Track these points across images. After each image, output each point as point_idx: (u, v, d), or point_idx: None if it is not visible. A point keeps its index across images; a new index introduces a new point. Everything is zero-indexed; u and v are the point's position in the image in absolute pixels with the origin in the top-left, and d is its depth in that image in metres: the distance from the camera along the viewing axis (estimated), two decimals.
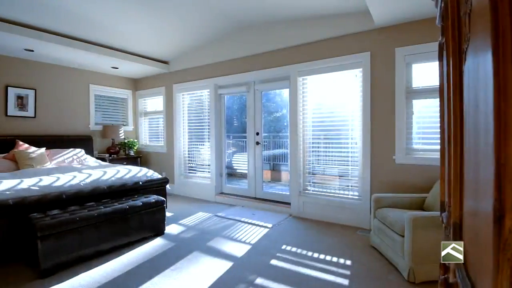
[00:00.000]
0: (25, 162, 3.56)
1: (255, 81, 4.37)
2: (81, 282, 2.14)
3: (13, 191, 2.49)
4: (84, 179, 3.01)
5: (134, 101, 6.08)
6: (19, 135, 4.26)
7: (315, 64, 3.65)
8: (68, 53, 4.22)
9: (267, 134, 4.56)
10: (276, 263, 2.46)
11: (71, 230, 2.33)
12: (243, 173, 5.00)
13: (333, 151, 3.68)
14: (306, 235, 3.13)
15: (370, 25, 3.24)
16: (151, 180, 3.53)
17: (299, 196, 3.82)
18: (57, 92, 4.82)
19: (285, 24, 3.82)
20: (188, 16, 3.77)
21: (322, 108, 3.78)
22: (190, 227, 3.41)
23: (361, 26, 3.32)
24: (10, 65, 4.30)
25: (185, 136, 5.36)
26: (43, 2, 3.12)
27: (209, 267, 2.40)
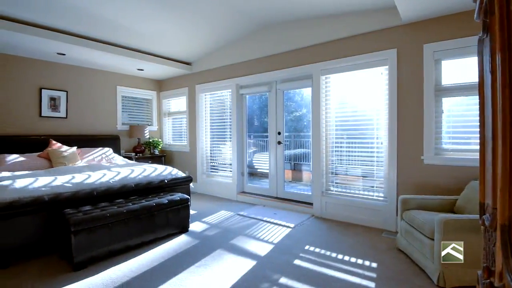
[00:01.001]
0: (58, 160, 3.76)
1: (277, 80, 4.36)
2: (111, 276, 2.23)
3: (48, 188, 2.63)
4: (113, 176, 3.13)
5: (158, 101, 6.25)
6: (52, 134, 4.50)
7: (339, 62, 3.60)
8: (97, 56, 4.41)
9: (288, 134, 4.54)
10: (300, 263, 2.45)
11: (102, 225, 2.44)
12: (264, 173, 5.01)
13: (357, 151, 3.61)
14: (329, 236, 3.09)
15: (396, 21, 3.14)
16: (175, 178, 3.62)
17: (321, 196, 3.77)
18: (87, 93, 5.05)
19: (308, 22, 3.79)
20: (211, 18, 3.83)
21: (346, 107, 3.71)
22: (213, 225, 3.46)
23: (387, 23, 3.23)
24: (44, 68, 4.54)
25: (207, 135, 5.44)
26: (75, 8, 3.27)
27: (233, 265, 2.42)
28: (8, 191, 2.43)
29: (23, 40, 3.64)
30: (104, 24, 3.73)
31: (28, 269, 2.35)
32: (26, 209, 2.40)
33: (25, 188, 2.52)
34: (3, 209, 2.29)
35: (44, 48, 4.00)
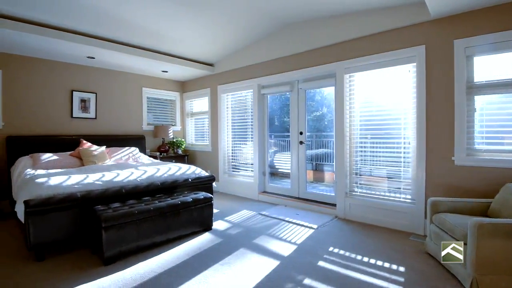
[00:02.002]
0: (89, 159, 3.93)
1: (299, 79, 4.33)
2: (140, 271, 2.31)
3: (81, 185, 2.76)
4: (141, 175, 3.24)
5: (181, 102, 6.39)
6: (83, 134, 4.72)
7: (363, 60, 3.51)
8: (124, 59, 4.57)
9: (309, 134, 4.49)
10: (324, 264, 2.42)
11: (130, 222, 2.53)
12: (285, 173, 4.99)
13: (381, 151, 3.52)
14: (354, 238, 3.03)
15: (425, 16, 3.03)
16: (199, 177, 3.68)
17: (345, 198, 3.70)
18: (114, 95, 5.26)
19: (331, 20, 3.73)
20: (234, 19, 3.86)
21: (371, 106, 3.62)
22: (236, 224, 3.49)
23: (415, 18, 3.12)
24: (75, 71, 4.77)
25: (229, 135, 5.49)
26: (104, 13, 3.41)
27: (256, 264, 2.43)
28: (44, 188, 2.57)
29: (57, 45, 3.84)
30: (131, 28, 3.86)
31: (62, 262, 2.47)
32: (60, 205, 2.53)
33: (59, 185, 2.65)
34: (39, 205, 2.42)
35: (76, 52, 4.21)
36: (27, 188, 2.62)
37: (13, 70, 4.16)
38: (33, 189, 2.54)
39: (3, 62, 4.07)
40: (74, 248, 2.74)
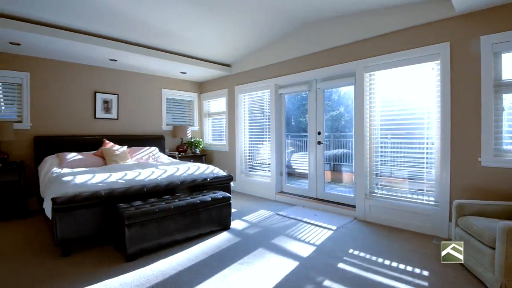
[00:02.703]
0: (111, 158, 4.06)
1: (317, 79, 4.29)
2: (161, 268, 2.35)
3: (104, 184, 2.85)
4: (161, 174, 3.31)
5: (199, 103, 6.48)
6: (105, 134, 4.88)
7: (384, 58, 3.44)
8: (144, 61, 4.69)
9: (327, 134, 4.43)
10: (344, 266, 2.38)
11: (152, 220, 2.59)
12: (302, 173, 4.95)
13: (403, 152, 3.43)
14: (375, 240, 2.97)
15: (449, 12, 2.93)
16: (217, 177, 3.72)
17: (365, 199, 3.63)
18: (135, 96, 5.40)
19: (351, 18, 3.67)
20: (252, 18, 3.87)
21: (392, 105, 3.53)
22: (254, 224, 3.50)
23: (439, 14, 3.02)
24: (98, 73, 4.94)
25: (246, 135, 5.52)
26: (125, 16, 3.50)
27: (275, 264, 2.43)
28: (70, 186, 2.67)
29: (82, 49, 3.99)
30: (152, 30, 3.95)
31: (87, 258, 2.56)
32: (85, 203, 2.63)
33: (85, 183, 2.75)
34: (66, 202, 2.52)
35: (99, 55, 4.35)
36: (54, 186, 2.73)
37: (40, 73, 4.35)
38: (60, 187, 2.65)
39: (31, 66, 4.26)
40: (97, 244, 2.84)
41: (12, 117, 4.17)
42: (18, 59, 4.16)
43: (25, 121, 4.22)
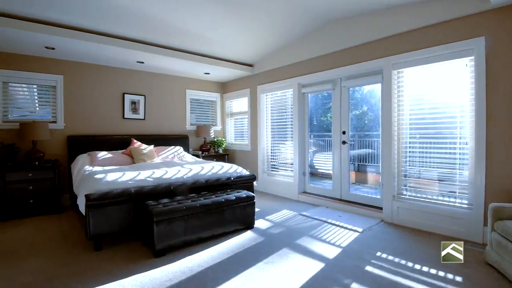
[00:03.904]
0: (139, 157, 4.19)
1: (342, 77, 4.21)
2: (188, 265, 2.40)
3: (134, 181, 2.95)
4: (187, 173, 3.38)
5: (221, 103, 6.55)
6: (133, 134, 5.05)
7: (414, 55, 3.31)
8: (170, 62, 4.81)
9: (351, 133, 4.33)
10: (372, 269, 2.32)
11: (179, 217, 2.65)
12: (325, 173, 4.88)
13: (432, 152, 3.29)
14: (403, 244, 2.87)
15: (484, 5, 2.77)
16: (240, 176, 3.74)
17: (392, 201, 3.52)
18: (161, 97, 5.55)
19: (378, 14, 3.56)
20: (275, 17, 3.85)
21: (422, 104, 3.40)
22: (277, 224, 3.49)
23: (472, 8, 2.86)
24: (126, 75, 5.12)
25: (268, 135, 5.51)
26: (151, 19, 3.60)
27: (300, 265, 2.41)
28: (102, 183, 2.79)
29: (112, 52, 4.15)
30: (177, 33, 4.04)
31: (117, 253, 2.66)
32: (116, 200, 2.73)
33: (115, 181, 2.86)
34: (98, 199, 2.63)
35: (127, 58, 4.51)
36: (87, 183, 2.86)
37: (73, 75, 4.57)
38: (93, 184, 2.77)
39: (64, 69, 4.49)
40: (127, 240, 2.94)
41: (47, 118, 4.41)
42: (52, 62, 4.39)
43: (59, 122, 4.45)
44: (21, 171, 3.74)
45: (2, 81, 4.04)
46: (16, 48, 3.94)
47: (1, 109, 4.01)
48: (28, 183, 3.77)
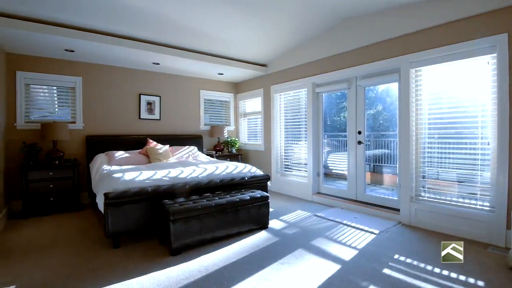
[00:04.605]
0: (155, 156, 4.26)
1: (357, 76, 4.15)
2: (203, 263, 2.42)
3: (151, 180, 3.00)
4: (202, 172, 3.41)
5: (235, 103, 6.58)
6: (149, 134, 5.14)
7: (432, 52, 3.22)
8: (184, 63, 4.86)
9: (368, 133, 4.26)
10: (390, 272, 2.28)
11: (194, 216, 2.67)
12: (339, 174, 4.82)
13: (451, 153, 3.20)
14: (422, 246, 2.80)
15: (507, 0, 2.67)
16: (254, 176, 3.74)
17: (410, 202, 3.44)
18: (176, 98, 5.63)
19: (395, 11, 3.49)
20: (289, 16, 3.83)
21: (441, 103, 3.31)
22: (291, 224, 3.48)
23: (494, 3, 2.76)
24: (142, 77, 5.21)
25: (282, 135, 5.50)
26: (167, 21, 3.65)
27: (316, 266, 2.39)
28: (120, 182, 2.85)
29: (129, 54, 4.23)
30: (191, 34, 4.08)
31: (134, 250, 2.71)
32: (133, 198, 2.78)
33: (133, 180, 2.92)
34: (116, 197, 2.69)
35: (144, 59, 4.59)
36: (106, 182, 2.93)
37: (91, 77, 4.69)
38: (111, 183, 2.83)
39: (83, 71, 4.61)
40: (143, 238, 2.99)
41: (67, 118, 4.54)
42: (71, 64, 4.52)
43: (78, 122, 4.57)
44: (42, 170, 3.87)
45: (25, 83, 4.18)
46: (37, 51, 4.07)
47: (23, 110, 4.16)
48: (49, 181, 3.89)
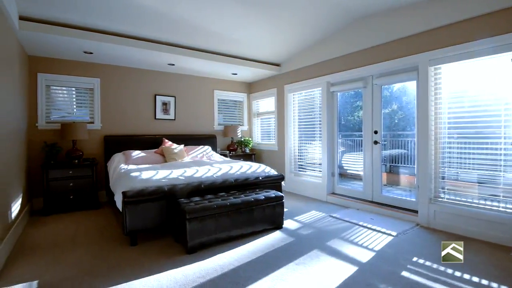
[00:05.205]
0: (170, 156, 4.32)
1: (374, 75, 4.07)
2: (219, 262, 2.44)
3: (167, 179, 3.04)
4: (216, 172, 3.43)
5: (248, 103, 6.59)
6: (164, 134, 5.22)
7: (453, 50, 3.13)
8: (199, 64, 4.91)
9: (384, 133, 4.18)
10: (409, 275, 2.22)
11: (210, 215, 2.69)
12: (354, 174, 4.75)
13: (472, 153, 3.09)
14: (441, 249, 2.72)
15: None
16: (269, 176, 3.74)
17: (429, 204, 3.35)
18: (190, 98, 5.69)
19: (413, 7, 3.40)
20: (303, 15, 3.79)
21: (461, 102, 3.21)
22: (306, 225, 3.45)
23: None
24: (158, 77, 5.29)
25: (295, 135, 5.47)
26: (182, 22, 3.69)
27: (332, 267, 2.36)
28: (138, 181, 2.90)
29: (145, 55, 4.31)
30: (205, 34, 4.11)
31: (151, 248, 2.76)
32: (150, 197, 2.83)
33: (150, 179, 2.97)
34: (134, 196, 2.74)
35: (159, 60, 4.66)
36: (124, 181, 2.99)
37: (109, 78, 4.80)
38: (129, 182, 2.89)
39: (101, 72, 4.73)
40: (159, 236, 3.04)
41: (85, 119, 4.66)
42: (90, 66, 4.64)
43: (96, 122, 4.68)
44: (62, 169, 3.98)
45: (46, 85, 4.32)
46: (58, 53, 4.20)
47: (44, 110, 4.30)
48: (68, 180, 4.00)
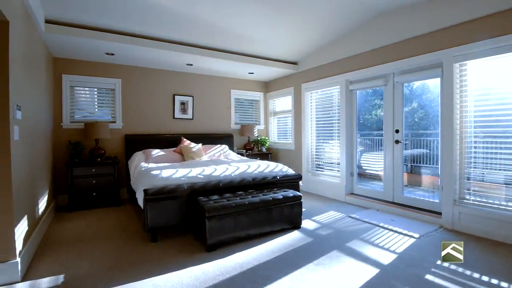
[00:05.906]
0: (189, 155, 4.38)
1: (395, 72, 3.96)
2: (237, 261, 2.45)
3: (186, 178, 3.09)
4: (234, 171, 3.45)
5: (265, 102, 6.58)
6: (182, 133, 5.29)
7: (479, 45, 2.99)
8: (217, 64, 4.94)
9: (405, 132, 4.06)
10: (433, 279, 2.15)
11: (229, 214, 2.71)
12: (373, 174, 4.65)
13: (499, 153, 2.96)
14: (467, 253, 2.61)
15: None
16: (286, 175, 3.72)
17: (453, 206, 3.22)
18: (207, 97, 5.74)
19: (437, 2, 3.29)
20: (321, 12, 3.73)
21: (488, 100, 3.07)
22: (325, 225, 3.41)
23: None
24: (176, 78, 5.38)
25: (313, 134, 5.41)
26: (199, 22, 3.72)
27: (353, 268, 2.32)
28: (158, 179, 2.96)
29: (164, 56, 4.38)
30: (222, 34, 4.13)
31: (171, 245, 2.80)
32: (170, 195, 2.88)
33: (170, 177, 3.02)
34: (155, 193, 2.80)
35: (178, 61, 4.73)
36: (145, 179, 3.05)
37: (129, 79, 4.92)
38: (150, 180, 2.95)
39: (122, 73, 4.85)
40: (179, 233, 3.09)
41: (107, 118, 4.79)
42: (111, 67, 4.77)
43: (118, 122, 4.81)
44: (85, 167, 4.12)
45: (70, 85, 4.48)
46: (81, 55, 4.34)
47: (68, 110, 4.45)
48: (91, 177, 4.14)
